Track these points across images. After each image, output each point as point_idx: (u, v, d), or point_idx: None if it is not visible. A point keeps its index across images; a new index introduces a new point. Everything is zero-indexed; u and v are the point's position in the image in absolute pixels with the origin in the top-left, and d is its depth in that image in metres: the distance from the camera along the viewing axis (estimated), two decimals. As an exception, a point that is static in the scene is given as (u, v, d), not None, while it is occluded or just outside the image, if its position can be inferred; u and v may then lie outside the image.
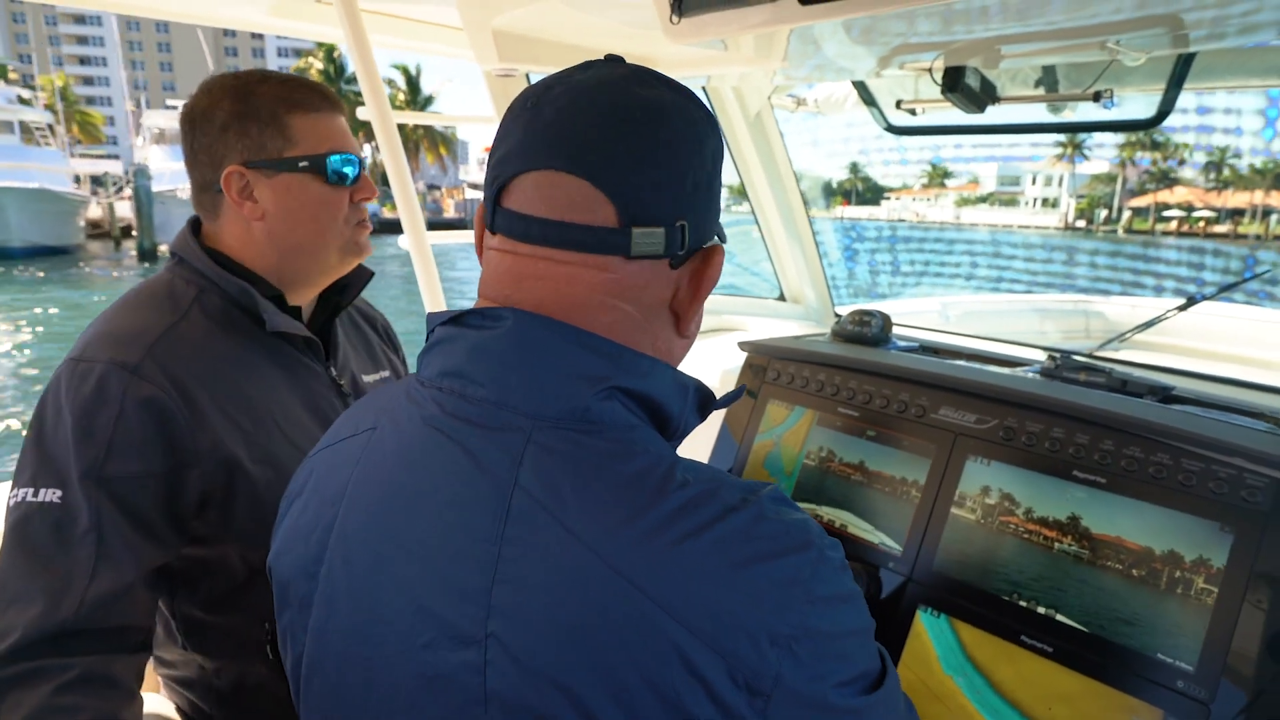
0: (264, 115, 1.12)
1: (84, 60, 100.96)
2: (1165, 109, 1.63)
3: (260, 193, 1.13)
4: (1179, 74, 1.57)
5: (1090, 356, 1.68)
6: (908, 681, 1.13)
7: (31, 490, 1.00)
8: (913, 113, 1.87)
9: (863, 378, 1.38)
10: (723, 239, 0.79)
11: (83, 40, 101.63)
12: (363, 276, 1.31)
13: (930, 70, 1.59)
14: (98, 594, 0.97)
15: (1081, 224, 78.82)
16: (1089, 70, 1.59)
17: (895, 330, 1.68)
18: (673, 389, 0.68)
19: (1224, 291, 2.05)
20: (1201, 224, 71.69)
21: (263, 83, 1.14)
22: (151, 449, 1.03)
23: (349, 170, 1.18)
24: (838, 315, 2.53)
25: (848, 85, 2.12)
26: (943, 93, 1.59)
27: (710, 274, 0.70)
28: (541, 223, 0.65)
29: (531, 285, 0.67)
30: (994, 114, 1.68)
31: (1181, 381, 1.38)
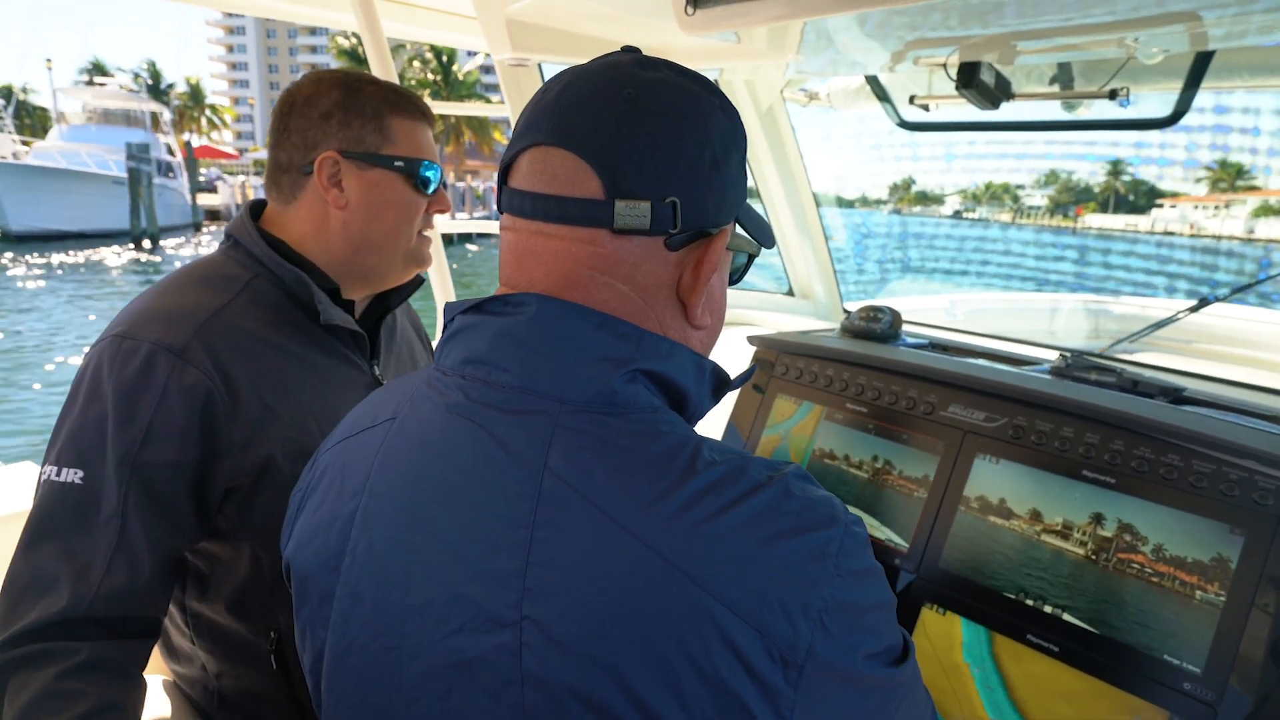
0: (368, 111, 1.15)
1: (315, 68, 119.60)
2: (1182, 108, 1.62)
3: (348, 183, 1.15)
4: (1197, 72, 1.55)
5: (1101, 356, 1.67)
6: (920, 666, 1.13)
7: (55, 470, 0.99)
8: (926, 108, 1.87)
9: (871, 374, 1.38)
10: (768, 244, 0.78)
11: (313, 48, 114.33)
12: (415, 281, 1.32)
13: (944, 65, 1.58)
14: (112, 586, 0.97)
15: None
16: (1105, 67, 1.58)
17: (905, 327, 1.68)
18: (691, 370, 0.69)
19: (1236, 293, 2.04)
20: None
21: (371, 83, 1.18)
22: (189, 437, 1.01)
23: (434, 180, 1.21)
24: (847, 311, 2.53)
25: (861, 79, 2.11)
26: (957, 89, 1.58)
27: (709, 260, 0.69)
28: (533, 196, 0.67)
29: (530, 263, 0.68)
30: (1008, 110, 1.68)
31: (1192, 383, 1.37)
